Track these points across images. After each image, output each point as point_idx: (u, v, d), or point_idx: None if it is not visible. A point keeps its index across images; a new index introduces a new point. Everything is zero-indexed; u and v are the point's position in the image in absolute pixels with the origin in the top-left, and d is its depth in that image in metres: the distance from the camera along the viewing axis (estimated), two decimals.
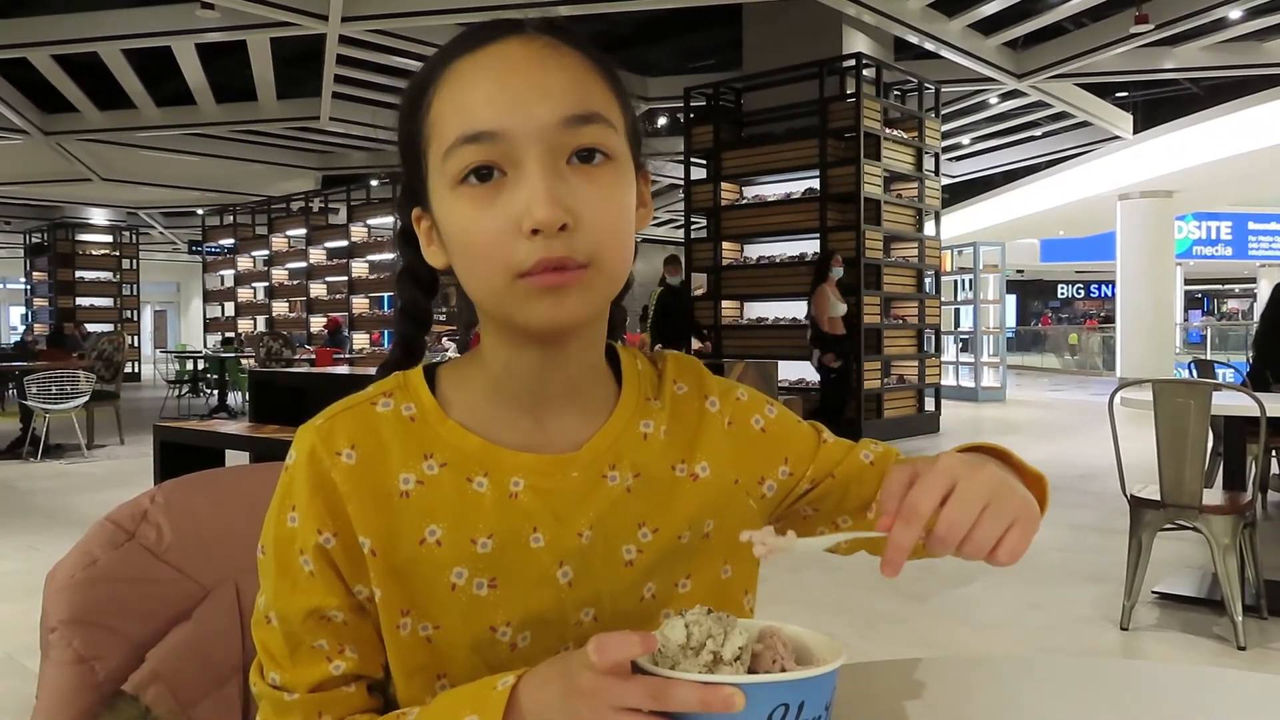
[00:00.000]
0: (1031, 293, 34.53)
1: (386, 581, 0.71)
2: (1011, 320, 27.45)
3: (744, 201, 9.74)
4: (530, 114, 0.66)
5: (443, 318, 13.16)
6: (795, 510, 0.85)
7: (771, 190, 9.57)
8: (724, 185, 9.64)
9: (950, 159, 16.38)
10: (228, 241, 17.17)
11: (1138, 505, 3.32)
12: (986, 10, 9.80)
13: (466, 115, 0.67)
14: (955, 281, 13.81)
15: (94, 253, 19.28)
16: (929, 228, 9.60)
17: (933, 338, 10.05)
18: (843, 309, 7.94)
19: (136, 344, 19.40)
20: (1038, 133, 15.91)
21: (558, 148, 0.66)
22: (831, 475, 0.84)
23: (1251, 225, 22.87)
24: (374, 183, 14.43)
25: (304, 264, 14.99)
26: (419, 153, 0.71)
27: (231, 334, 16.12)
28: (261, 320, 16.04)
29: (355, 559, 0.70)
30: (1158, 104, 14.94)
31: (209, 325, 17.78)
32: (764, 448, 0.82)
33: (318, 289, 14.85)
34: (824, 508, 0.85)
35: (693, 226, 10.32)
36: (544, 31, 0.70)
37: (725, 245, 9.68)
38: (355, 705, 0.71)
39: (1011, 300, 28.08)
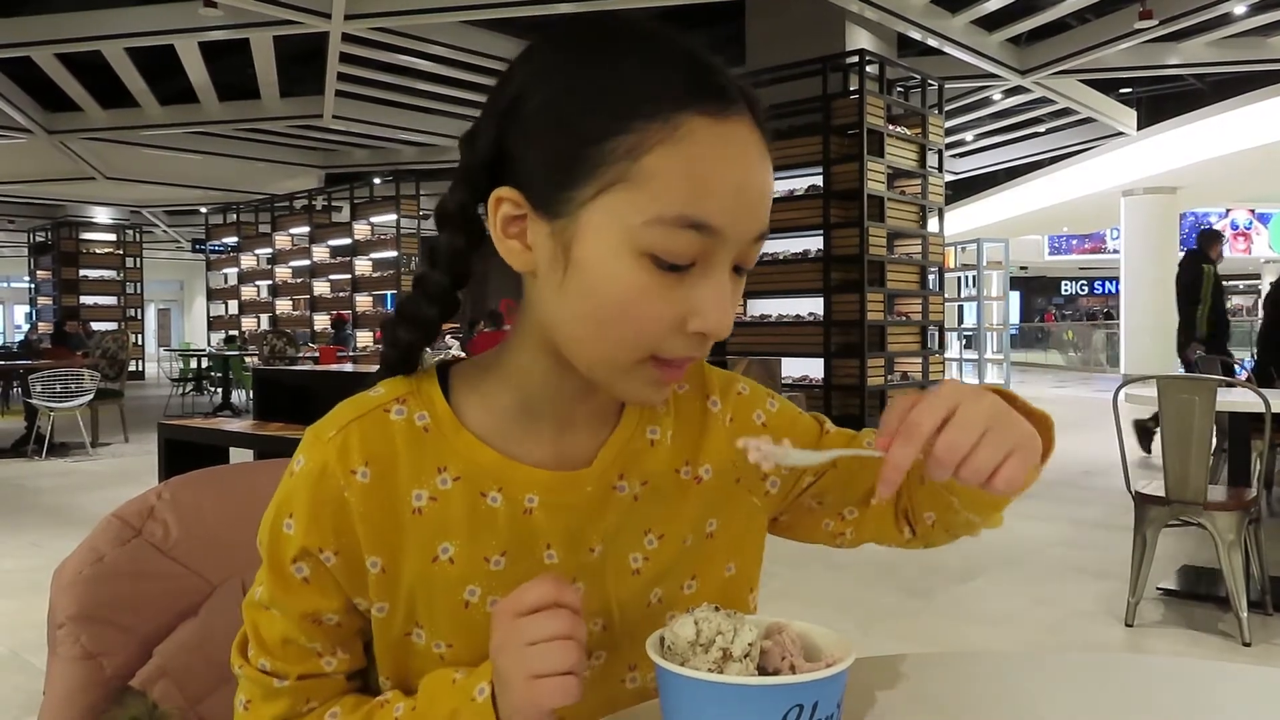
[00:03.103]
0: (1035, 289, 34.47)
1: (395, 598, 0.70)
2: (1015, 317, 27.43)
3: None
4: (745, 224, 0.64)
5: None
6: (801, 504, 0.85)
7: (775, 187, 9.55)
8: None
9: (953, 155, 16.34)
10: (231, 240, 17.17)
11: (1142, 501, 3.32)
12: (990, 6, 9.78)
13: (702, 198, 0.61)
14: (959, 278, 13.80)
15: (98, 251, 19.29)
16: (932, 224, 9.59)
17: (936, 335, 10.04)
18: None
19: (140, 342, 19.43)
20: (1041, 129, 15.87)
21: (739, 257, 0.65)
22: (834, 465, 0.83)
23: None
24: (377, 180, 14.41)
25: (307, 262, 14.99)
26: (585, 157, 0.62)
27: (235, 332, 16.13)
28: (265, 318, 16.05)
29: (356, 576, 0.70)
30: (1162, 100, 14.89)
31: (212, 323, 17.78)
32: None
33: (321, 287, 14.84)
34: (828, 500, 0.85)
35: None
36: (759, 120, 0.66)
37: None
38: (339, 688, 0.73)
39: (1015, 297, 28.05)
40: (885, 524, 0.85)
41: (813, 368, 8.91)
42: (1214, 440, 3.34)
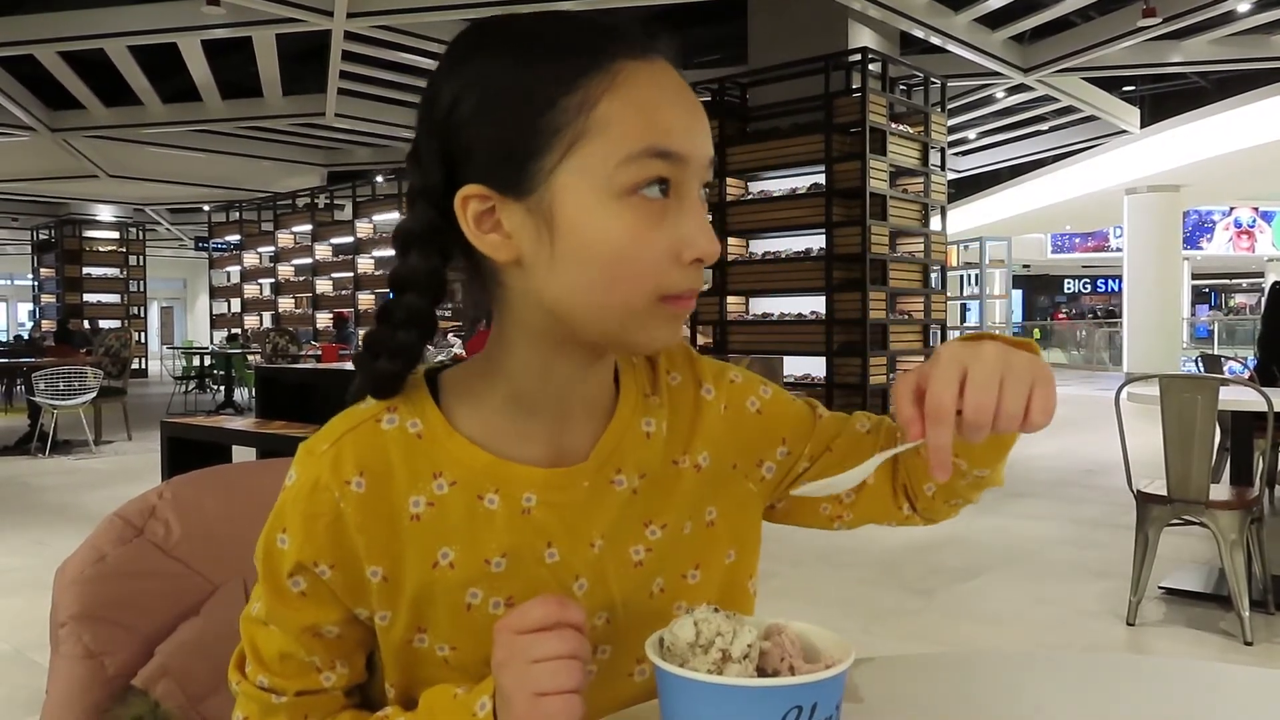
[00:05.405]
0: (1038, 287, 34.43)
1: (398, 605, 0.71)
2: (1018, 315, 27.40)
3: (749, 197, 9.72)
4: (702, 147, 0.67)
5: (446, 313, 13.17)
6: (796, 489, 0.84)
7: (777, 185, 9.54)
8: (729, 180, 9.62)
9: (956, 154, 16.32)
10: (234, 238, 17.18)
11: (1144, 500, 3.32)
12: (992, 4, 9.77)
13: (658, 129, 0.64)
14: (961, 277, 13.79)
15: (101, 249, 19.33)
16: (935, 223, 9.58)
17: (938, 333, 10.04)
18: None
19: (143, 340, 19.45)
20: (1044, 127, 15.85)
21: (702, 183, 0.68)
22: (829, 449, 0.83)
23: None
24: (379, 179, 14.41)
25: (309, 260, 14.99)
26: (542, 127, 0.64)
27: (238, 330, 16.15)
28: (267, 316, 16.06)
29: (356, 586, 0.70)
30: (1165, 98, 14.87)
31: (215, 321, 17.80)
32: (760, 430, 0.82)
33: (323, 285, 14.85)
34: None
35: None
36: (673, 61, 0.69)
37: (731, 241, 9.66)
38: (338, 704, 0.74)
39: (1018, 295, 28.02)
40: (884, 502, 0.85)
41: (815, 366, 8.91)
42: (1216, 439, 3.34)
